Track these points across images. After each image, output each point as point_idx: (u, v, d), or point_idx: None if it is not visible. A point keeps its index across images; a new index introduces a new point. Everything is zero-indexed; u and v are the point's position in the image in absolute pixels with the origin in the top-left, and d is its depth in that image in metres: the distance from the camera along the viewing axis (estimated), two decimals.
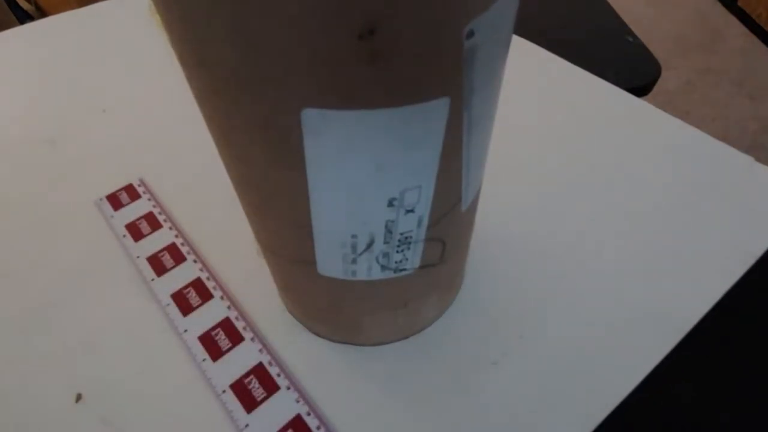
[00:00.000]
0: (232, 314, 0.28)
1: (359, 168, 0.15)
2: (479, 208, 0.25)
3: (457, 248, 0.24)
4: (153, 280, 0.30)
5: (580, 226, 0.33)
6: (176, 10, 0.13)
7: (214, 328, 0.28)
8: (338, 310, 0.25)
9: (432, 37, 0.12)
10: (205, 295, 0.29)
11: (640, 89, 0.71)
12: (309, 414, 0.24)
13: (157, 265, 0.31)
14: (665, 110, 0.39)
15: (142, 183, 0.36)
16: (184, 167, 0.37)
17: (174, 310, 0.29)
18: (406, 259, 0.20)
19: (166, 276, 0.30)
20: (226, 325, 0.28)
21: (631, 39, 0.79)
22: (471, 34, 0.13)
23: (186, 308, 0.29)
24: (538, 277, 0.30)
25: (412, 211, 0.18)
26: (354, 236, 0.18)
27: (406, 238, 0.19)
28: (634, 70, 0.74)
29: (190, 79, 0.16)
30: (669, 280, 0.30)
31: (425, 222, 0.19)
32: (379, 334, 0.27)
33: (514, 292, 0.29)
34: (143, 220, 0.33)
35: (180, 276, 0.30)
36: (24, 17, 1.14)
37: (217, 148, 0.19)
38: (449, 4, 0.12)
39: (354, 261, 0.20)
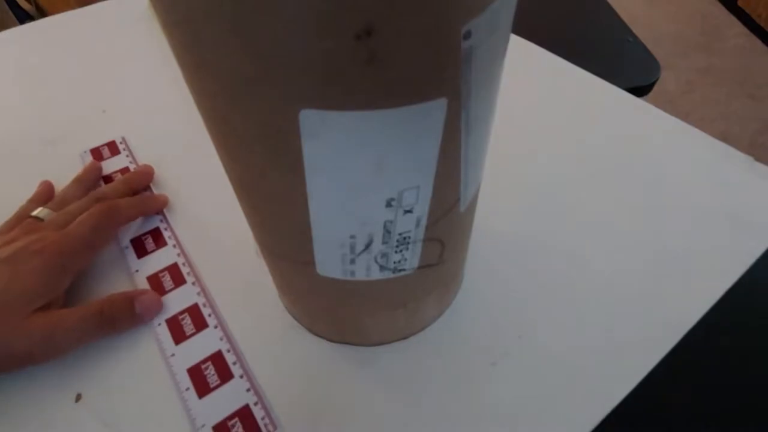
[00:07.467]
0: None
1: (357, 169, 0.15)
2: (478, 208, 0.25)
3: (456, 248, 0.24)
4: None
5: (579, 226, 0.33)
6: (174, 13, 0.13)
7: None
8: (337, 311, 0.25)
9: (429, 38, 0.12)
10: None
11: (640, 89, 0.71)
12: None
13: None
14: (665, 110, 0.39)
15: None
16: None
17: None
18: (405, 260, 0.20)
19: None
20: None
21: (631, 39, 0.79)
22: (468, 34, 0.13)
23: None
24: (537, 277, 0.30)
25: (410, 211, 0.18)
26: (352, 237, 0.18)
27: (405, 238, 0.19)
28: (634, 70, 0.74)
29: (189, 81, 0.16)
30: (668, 280, 0.30)
31: (423, 222, 0.19)
32: (378, 334, 0.27)
33: (514, 292, 0.29)
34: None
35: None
36: (24, 17, 1.14)
37: (216, 149, 0.19)
38: (446, 5, 0.12)
39: (353, 261, 0.20)
